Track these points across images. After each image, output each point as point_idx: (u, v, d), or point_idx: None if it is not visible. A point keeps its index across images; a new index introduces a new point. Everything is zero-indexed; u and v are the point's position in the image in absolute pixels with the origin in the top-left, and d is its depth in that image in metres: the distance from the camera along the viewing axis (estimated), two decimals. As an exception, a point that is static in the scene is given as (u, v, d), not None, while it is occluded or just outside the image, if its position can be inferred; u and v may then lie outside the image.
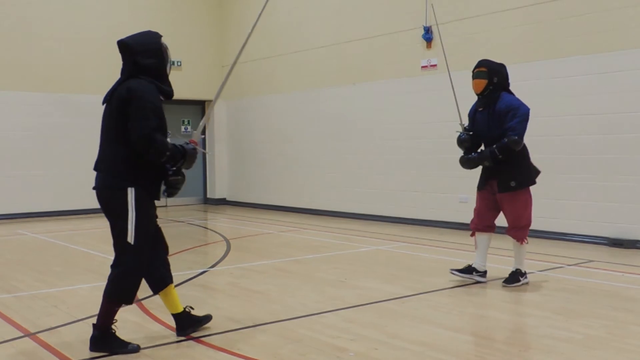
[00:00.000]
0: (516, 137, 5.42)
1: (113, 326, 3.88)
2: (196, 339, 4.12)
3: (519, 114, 5.48)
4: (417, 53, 10.23)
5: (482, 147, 5.72)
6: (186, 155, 3.88)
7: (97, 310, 4.77)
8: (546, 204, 8.67)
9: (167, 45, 4.06)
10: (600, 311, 4.77)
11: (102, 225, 11.27)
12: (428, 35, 10.00)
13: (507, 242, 8.34)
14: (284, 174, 13.02)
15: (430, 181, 10.16)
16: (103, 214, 3.97)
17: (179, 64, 13.98)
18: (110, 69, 12.89)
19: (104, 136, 3.86)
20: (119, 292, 3.81)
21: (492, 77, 5.56)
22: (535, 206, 8.89)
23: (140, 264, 3.85)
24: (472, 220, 5.90)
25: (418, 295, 5.32)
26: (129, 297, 3.85)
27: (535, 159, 8.83)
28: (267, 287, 5.71)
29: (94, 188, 3.89)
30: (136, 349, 3.84)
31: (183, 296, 5.38)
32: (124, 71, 3.87)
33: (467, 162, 5.69)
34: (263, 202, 13.67)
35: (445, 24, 9.87)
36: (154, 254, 4.02)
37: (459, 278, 5.79)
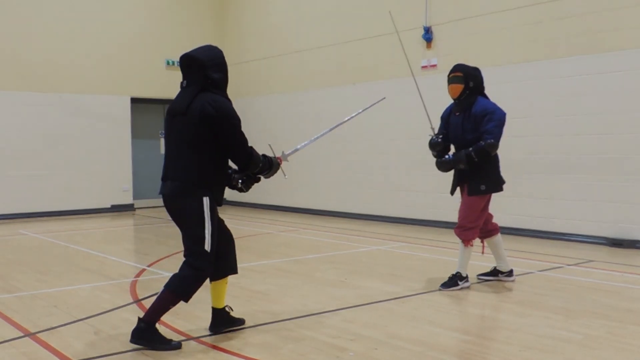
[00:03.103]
0: (493, 141, 5.39)
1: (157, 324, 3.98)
2: (196, 339, 4.12)
3: (495, 118, 5.45)
4: (417, 53, 10.23)
5: (453, 150, 5.65)
6: (272, 168, 4.30)
7: (97, 310, 4.78)
8: (546, 204, 8.68)
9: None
10: (600, 311, 4.77)
11: (102, 226, 11.30)
12: (428, 35, 10.01)
13: (506, 241, 8.35)
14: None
15: (430, 181, 10.16)
16: (170, 219, 4.09)
17: (179, 63, 13.98)
18: (110, 69, 12.96)
19: (177, 146, 3.98)
20: (187, 291, 3.93)
21: (468, 81, 5.51)
22: (535, 206, 8.95)
23: (211, 268, 4.01)
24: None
25: (418, 295, 5.32)
26: (190, 297, 3.98)
27: (535, 159, 8.89)
28: (267, 287, 5.71)
29: (162, 194, 4.03)
30: (178, 346, 3.93)
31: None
32: (190, 84, 4.02)
33: (442, 165, 5.59)
34: (263, 202, 13.67)
35: (445, 24, 9.89)
36: (224, 248, 4.20)
37: (457, 284, 5.54)
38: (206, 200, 3.90)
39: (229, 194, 16.84)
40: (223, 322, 4.30)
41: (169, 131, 4.06)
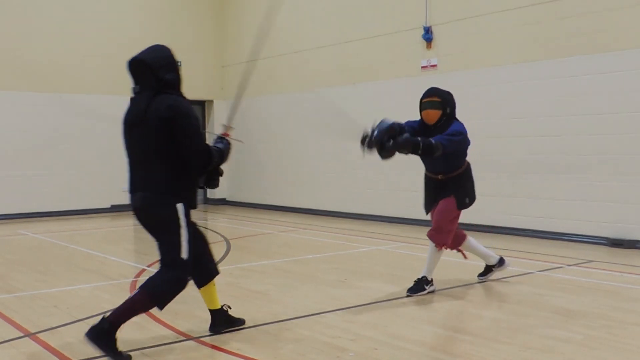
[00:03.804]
0: (443, 145, 5.01)
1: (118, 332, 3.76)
2: (196, 339, 4.12)
3: (458, 136, 5.15)
4: (417, 53, 10.23)
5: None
6: (224, 155, 4.05)
7: (97, 310, 4.78)
8: (546, 204, 8.68)
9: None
10: (600, 311, 4.77)
11: (102, 226, 11.30)
12: (428, 35, 10.00)
13: (506, 241, 8.37)
14: (284, 174, 13.02)
15: (430, 181, 10.15)
16: (144, 229, 4.03)
17: (179, 64, 13.95)
18: (110, 69, 12.94)
19: (139, 157, 3.83)
20: (164, 299, 3.82)
21: (445, 107, 5.22)
22: (535, 206, 8.95)
23: (189, 275, 3.94)
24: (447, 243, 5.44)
25: (418, 296, 5.32)
26: (165, 305, 3.87)
27: (535, 159, 8.89)
28: (267, 287, 5.71)
29: (134, 207, 3.91)
30: (128, 358, 3.72)
31: (183, 296, 5.38)
32: (143, 89, 3.85)
33: (384, 151, 4.93)
34: (263, 202, 13.67)
35: (445, 24, 9.89)
36: (201, 250, 4.10)
37: (424, 289, 5.40)
38: (180, 207, 3.80)
39: (229, 194, 16.74)
40: (222, 321, 4.27)
41: (129, 142, 3.88)
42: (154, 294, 3.78)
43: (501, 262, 5.85)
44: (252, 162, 14.02)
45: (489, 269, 5.86)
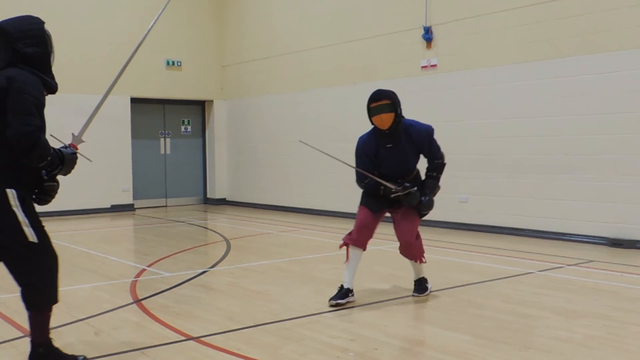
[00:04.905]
0: (443, 157, 5.17)
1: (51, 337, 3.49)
2: (196, 339, 4.12)
3: (434, 138, 5.10)
4: (417, 53, 10.23)
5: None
6: (65, 161, 3.39)
7: (97, 310, 4.78)
8: (546, 204, 8.68)
9: (50, 33, 3.52)
10: (600, 311, 4.77)
11: (102, 225, 11.31)
12: (428, 35, 10.00)
13: (506, 241, 8.37)
14: (284, 174, 13.02)
15: (430, 181, 10.15)
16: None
17: (179, 64, 13.99)
18: (110, 68, 12.93)
19: None
20: (47, 298, 3.38)
21: (397, 108, 4.90)
22: (535, 206, 8.95)
23: (55, 259, 3.44)
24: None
25: (418, 295, 5.32)
26: (56, 295, 3.42)
27: (535, 159, 8.89)
28: (267, 287, 5.71)
29: None
30: None
31: (183, 296, 5.40)
32: (1, 60, 3.35)
33: (431, 204, 5.15)
34: (263, 202, 13.67)
35: (445, 24, 9.89)
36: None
37: (427, 287, 5.38)
38: (12, 193, 3.24)
39: (229, 194, 16.67)
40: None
41: None
42: (43, 307, 3.40)
43: (352, 293, 5.14)
44: (252, 162, 14.02)
45: (346, 292, 5.07)
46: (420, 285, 5.39)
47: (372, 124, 5.01)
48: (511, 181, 9.08)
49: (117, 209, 13.02)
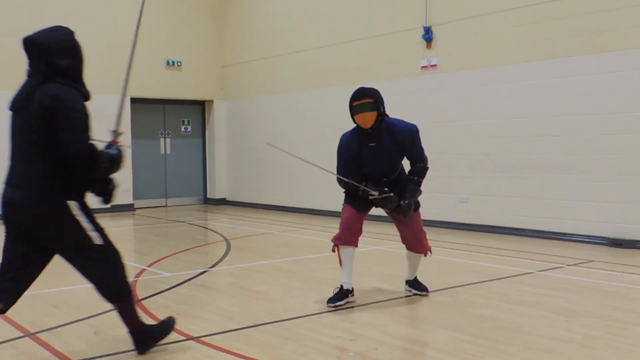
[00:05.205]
0: (425, 160, 5.04)
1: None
2: (196, 339, 4.12)
3: (418, 137, 5.01)
4: (417, 53, 10.24)
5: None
6: (116, 162, 3.52)
7: (97, 310, 4.78)
8: (546, 204, 8.68)
9: (80, 43, 3.58)
10: (600, 311, 4.77)
11: (102, 225, 11.26)
12: (428, 35, 10.01)
13: (506, 241, 8.37)
14: (284, 174, 13.02)
15: (430, 181, 10.12)
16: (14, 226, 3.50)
17: (179, 64, 13.99)
18: (110, 68, 12.94)
19: (21, 148, 3.42)
20: (122, 289, 3.63)
21: (379, 106, 4.81)
22: (535, 206, 8.95)
23: (119, 255, 3.67)
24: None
25: (418, 296, 5.32)
26: (128, 286, 3.67)
27: (535, 159, 8.89)
28: (267, 287, 5.71)
29: (5, 202, 3.44)
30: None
31: (183, 296, 5.40)
32: (34, 73, 3.44)
33: (409, 207, 4.93)
34: (263, 202, 13.67)
35: (445, 24, 9.89)
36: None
37: (420, 287, 5.39)
38: (73, 204, 3.45)
39: (229, 194, 16.70)
40: None
41: (11, 129, 3.48)
42: (120, 298, 3.65)
43: (353, 292, 5.12)
44: (252, 162, 14.02)
45: (345, 294, 5.02)
46: (419, 284, 5.40)
47: (355, 122, 4.94)
48: (511, 181, 9.08)
49: (117, 208, 13.01)
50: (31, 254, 3.52)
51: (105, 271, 3.60)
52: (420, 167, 5.02)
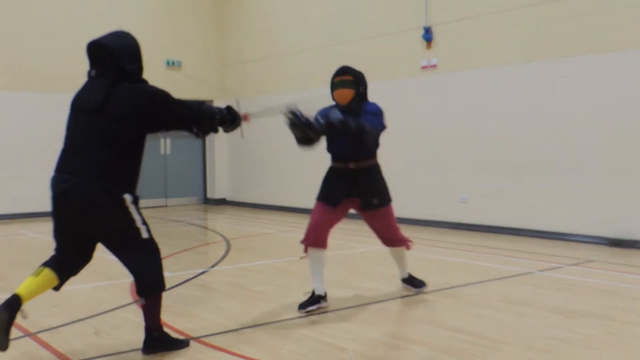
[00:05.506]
0: (373, 130, 4.74)
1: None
2: (196, 339, 4.12)
3: (382, 116, 4.90)
4: (417, 53, 10.23)
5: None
6: (235, 122, 4.14)
7: (97, 310, 4.79)
8: (546, 204, 8.68)
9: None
10: (600, 311, 4.77)
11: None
12: (428, 35, 10.01)
13: (506, 241, 8.37)
14: (284, 174, 13.02)
15: (430, 181, 10.16)
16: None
17: (179, 64, 13.99)
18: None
19: (84, 142, 3.62)
20: (158, 284, 3.80)
21: (358, 86, 4.88)
22: (535, 206, 8.95)
23: (159, 251, 3.86)
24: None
25: (418, 296, 5.32)
26: (164, 282, 3.86)
27: (535, 159, 8.89)
28: (267, 287, 5.71)
29: (63, 192, 3.80)
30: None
31: (183, 296, 5.40)
32: (100, 75, 3.66)
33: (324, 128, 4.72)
34: (263, 202, 13.67)
35: (445, 24, 9.89)
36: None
37: (417, 283, 5.42)
38: (129, 197, 3.64)
39: (229, 194, 16.69)
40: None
41: (75, 127, 3.70)
42: (153, 293, 3.80)
43: (326, 297, 4.93)
44: (252, 162, 14.02)
45: (317, 299, 4.84)
46: (414, 280, 5.40)
47: (333, 99, 4.94)
48: (511, 181, 9.08)
49: (117, 209, 13.01)
50: (81, 244, 4.00)
51: (147, 264, 3.77)
52: (364, 123, 4.63)
